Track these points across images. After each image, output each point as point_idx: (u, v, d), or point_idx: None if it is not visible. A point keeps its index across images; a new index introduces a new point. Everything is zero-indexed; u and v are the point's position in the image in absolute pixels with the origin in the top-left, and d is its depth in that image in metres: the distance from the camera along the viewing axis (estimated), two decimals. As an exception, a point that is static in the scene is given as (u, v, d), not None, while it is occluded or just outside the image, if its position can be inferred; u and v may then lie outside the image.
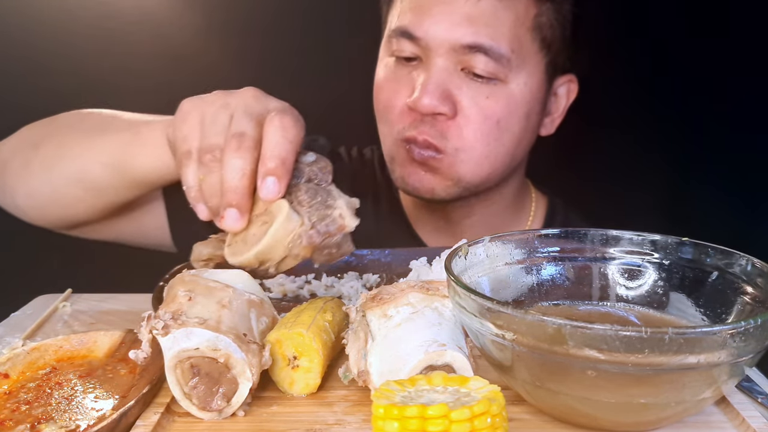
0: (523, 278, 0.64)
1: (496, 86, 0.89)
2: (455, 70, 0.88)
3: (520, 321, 0.48)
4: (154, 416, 0.53)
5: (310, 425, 0.54)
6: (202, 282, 0.59)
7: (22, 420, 0.53)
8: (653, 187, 1.27)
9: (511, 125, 0.91)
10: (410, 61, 0.91)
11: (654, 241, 0.64)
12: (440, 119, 0.89)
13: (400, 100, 0.91)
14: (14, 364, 0.61)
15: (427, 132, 0.89)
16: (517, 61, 0.89)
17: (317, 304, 0.62)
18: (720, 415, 0.55)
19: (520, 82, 0.90)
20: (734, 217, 1.20)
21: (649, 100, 1.27)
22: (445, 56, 0.88)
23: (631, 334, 0.45)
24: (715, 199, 1.22)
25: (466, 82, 0.88)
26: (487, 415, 0.41)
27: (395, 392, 0.44)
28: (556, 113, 1.00)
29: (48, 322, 0.76)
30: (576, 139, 1.27)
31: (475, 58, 0.87)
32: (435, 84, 0.87)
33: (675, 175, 1.27)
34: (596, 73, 1.24)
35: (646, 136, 1.27)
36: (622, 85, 1.26)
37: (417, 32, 0.88)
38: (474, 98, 0.88)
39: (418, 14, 0.89)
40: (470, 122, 0.89)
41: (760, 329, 0.47)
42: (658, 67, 1.26)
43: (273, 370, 0.58)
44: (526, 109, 0.92)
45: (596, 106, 1.26)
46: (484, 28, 0.86)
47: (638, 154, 1.26)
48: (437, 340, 0.53)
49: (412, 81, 0.90)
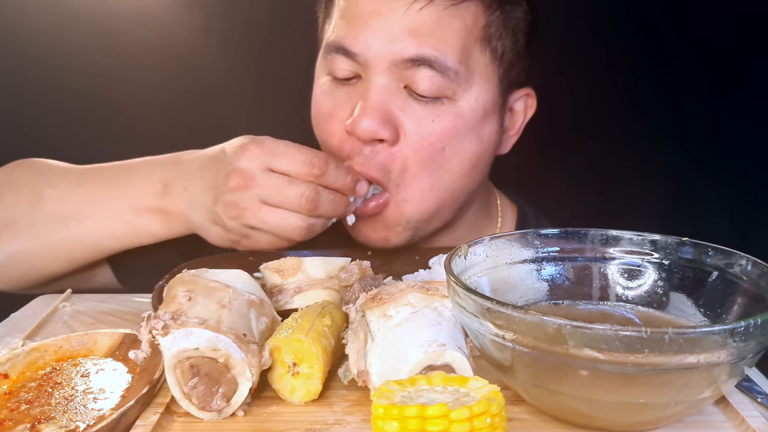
0: (524, 278, 0.64)
1: (444, 105, 0.80)
2: (397, 88, 0.80)
3: (520, 321, 0.48)
4: (153, 416, 0.53)
5: (309, 425, 0.54)
6: (201, 282, 0.59)
7: (22, 420, 0.53)
8: (653, 187, 1.27)
9: (461, 150, 0.82)
10: (348, 81, 0.83)
11: (654, 241, 0.64)
12: (380, 147, 0.81)
13: (339, 125, 0.83)
14: (14, 364, 0.61)
15: (367, 164, 0.81)
16: (466, 74, 0.80)
17: (315, 309, 0.62)
18: (720, 415, 0.55)
19: (471, 99, 0.81)
20: (734, 216, 1.20)
21: (649, 99, 1.27)
22: (386, 73, 0.79)
23: (631, 334, 0.45)
24: (715, 199, 1.22)
25: (409, 102, 0.80)
26: (486, 415, 0.41)
27: (395, 392, 0.44)
28: (512, 131, 0.91)
29: (48, 322, 0.76)
30: (569, 143, 1.27)
31: (418, 72, 0.78)
32: (375, 105, 0.79)
33: (675, 175, 1.27)
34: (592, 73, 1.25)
35: (646, 135, 1.27)
36: (622, 84, 1.26)
37: (354, 48, 0.80)
38: (418, 122, 0.80)
39: (353, 27, 0.80)
40: (412, 149, 0.80)
41: (760, 329, 0.47)
42: (659, 66, 1.26)
43: (273, 378, 0.57)
44: (477, 131, 0.83)
45: (596, 106, 1.26)
46: (426, 38, 0.78)
47: (638, 153, 1.26)
48: (437, 340, 0.53)
49: (351, 102, 0.81)
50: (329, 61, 0.84)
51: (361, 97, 0.81)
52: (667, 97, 1.26)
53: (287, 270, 0.67)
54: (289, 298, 0.67)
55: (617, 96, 1.26)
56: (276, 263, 0.68)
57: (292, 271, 0.67)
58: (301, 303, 0.65)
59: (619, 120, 1.28)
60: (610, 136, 1.27)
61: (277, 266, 0.68)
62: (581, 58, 1.23)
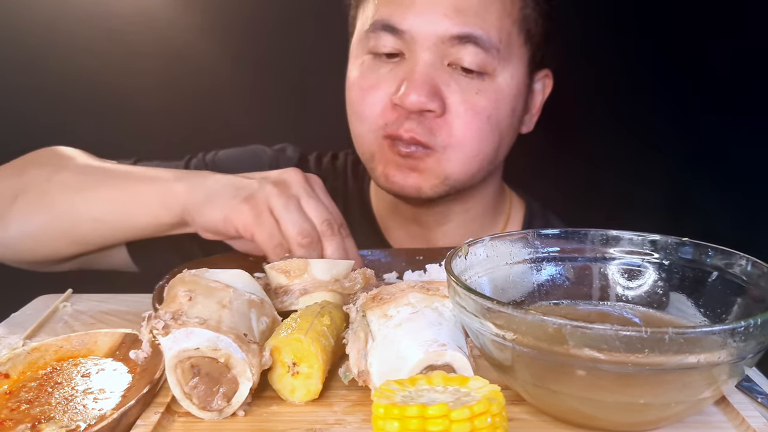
0: (524, 278, 0.64)
1: (485, 81, 0.86)
2: (442, 65, 0.85)
3: (520, 321, 0.48)
4: (154, 416, 0.53)
5: (310, 425, 0.54)
6: (202, 282, 0.59)
7: (23, 420, 0.53)
8: (653, 187, 1.27)
9: (500, 121, 0.88)
10: (391, 57, 0.87)
11: (654, 241, 0.64)
12: (428, 116, 0.85)
13: (381, 98, 0.87)
14: (14, 364, 0.61)
15: (414, 129, 0.85)
16: (505, 53, 0.86)
17: (314, 309, 0.62)
18: (720, 415, 0.55)
19: (507, 75, 0.87)
20: (734, 217, 1.20)
21: (648, 98, 1.27)
22: (432, 50, 0.84)
23: (631, 334, 0.45)
24: (715, 198, 1.22)
25: (454, 77, 0.85)
26: (487, 415, 0.41)
27: (395, 392, 0.44)
28: (534, 109, 0.97)
29: (48, 322, 0.76)
30: (570, 139, 1.27)
31: (464, 49, 0.84)
32: (422, 80, 0.84)
33: (675, 175, 1.27)
34: (594, 71, 1.25)
35: (645, 135, 1.27)
36: (621, 83, 1.27)
37: (401, 25, 0.84)
38: (463, 94, 0.85)
39: (400, 6, 0.85)
40: (461, 119, 0.85)
41: (760, 329, 0.47)
42: (658, 66, 1.26)
43: (273, 378, 0.57)
44: (512, 105, 0.89)
45: (595, 106, 1.26)
46: (473, 18, 0.83)
47: (638, 153, 1.26)
48: (437, 340, 0.53)
49: (395, 77, 0.86)
50: (373, 39, 0.88)
51: (406, 73, 0.85)
52: (669, 97, 1.26)
53: (293, 271, 0.68)
54: (294, 299, 0.67)
55: (622, 95, 1.26)
56: (282, 264, 0.69)
57: (298, 272, 0.68)
58: (306, 304, 0.66)
59: (618, 119, 1.28)
60: (610, 135, 1.27)
61: (283, 267, 0.68)
62: (590, 56, 1.23)
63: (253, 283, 0.62)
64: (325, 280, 0.68)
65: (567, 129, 1.24)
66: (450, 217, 0.98)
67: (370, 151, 0.91)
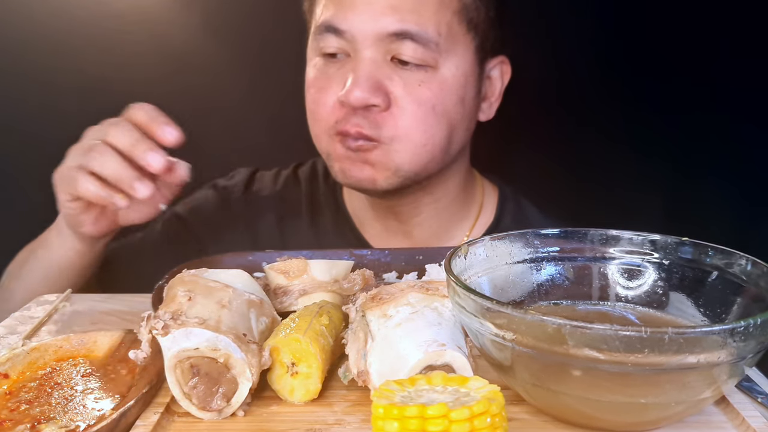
0: (523, 278, 0.64)
1: (428, 72, 0.87)
2: (384, 60, 0.87)
3: (520, 321, 0.48)
4: (153, 416, 0.53)
5: (310, 425, 0.54)
6: (201, 282, 0.59)
7: (22, 420, 0.53)
8: (653, 187, 1.27)
9: (447, 110, 0.90)
10: (338, 58, 0.90)
11: (654, 241, 0.64)
12: (373, 111, 0.87)
13: (331, 97, 0.89)
14: (14, 364, 0.61)
15: (360, 124, 0.87)
16: (446, 45, 0.88)
17: (312, 309, 0.62)
18: (720, 415, 0.55)
19: (451, 66, 0.89)
20: (734, 217, 1.20)
21: (649, 98, 1.27)
22: (373, 47, 0.86)
23: (631, 334, 0.45)
24: (715, 198, 1.21)
25: (396, 71, 0.87)
26: (486, 415, 0.41)
27: (395, 392, 0.44)
28: (493, 97, 0.99)
29: (48, 322, 0.76)
30: (566, 138, 1.27)
31: (403, 45, 0.86)
32: (365, 76, 0.86)
33: (675, 174, 1.27)
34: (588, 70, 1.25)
35: (645, 135, 1.26)
36: (620, 83, 1.26)
37: (342, 25, 0.87)
38: (407, 87, 0.87)
39: (341, 8, 0.87)
40: (405, 111, 0.87)
41: (760, 329, 0.47)
42: (657, 65, 1.26)
43: (272, 378, 0.57)
44: (460, 94, 0.91)
45: (594, 106, 1.26)
46: (408, 14, 0.85)
47: (637, 153, 1.26)
48: (437, 340, 0.53)
49: (342, 77, 0.88)
50: (320, 41, 0.90)
51: (351, 71, 0.87)
52: (666, 93, 1.26)
53: (293, 271, 0.68)
54: (294, 300, 0.67)
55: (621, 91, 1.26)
56: (281, 264, 0.69)
57: (297, 272, 0.68)
58: (305, 305, 0.66)
59: (618, 119, 1.28)
60: (609, 134, 1.27)
61: (282, 267, 0.69)
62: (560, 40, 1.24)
63: (253, 283, 0.62)
64: (324, 281, 0.68)
65: (586, 128, 1.24)
66: (421, 208, 1.00)
67: (327, 151, 0.93)
